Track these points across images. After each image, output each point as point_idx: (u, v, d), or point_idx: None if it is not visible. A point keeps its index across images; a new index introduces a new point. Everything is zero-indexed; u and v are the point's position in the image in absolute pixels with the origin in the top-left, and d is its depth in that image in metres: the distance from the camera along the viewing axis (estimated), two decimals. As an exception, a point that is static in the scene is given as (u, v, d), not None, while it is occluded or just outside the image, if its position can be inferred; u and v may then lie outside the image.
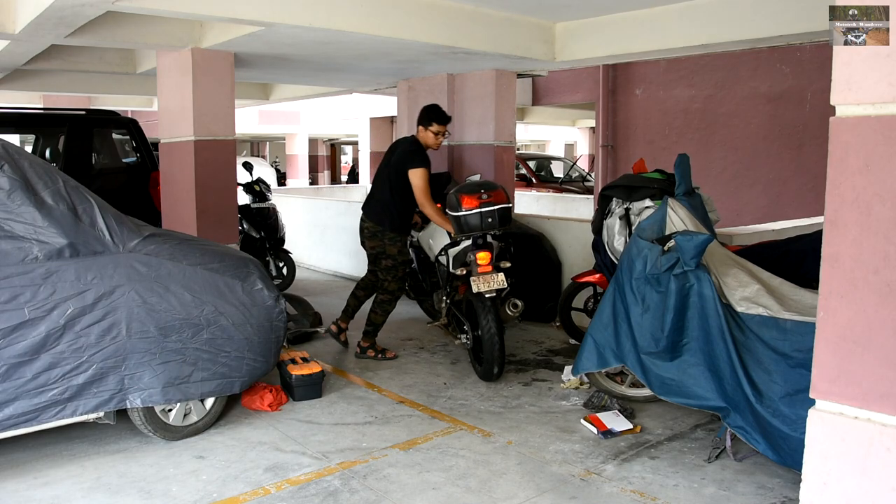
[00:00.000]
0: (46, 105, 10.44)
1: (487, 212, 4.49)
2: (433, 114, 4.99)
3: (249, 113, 18.16)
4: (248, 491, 3.17)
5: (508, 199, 4.66)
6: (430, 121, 4.97)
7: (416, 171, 4.82)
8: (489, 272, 4.50)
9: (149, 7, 4.24)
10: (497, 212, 4.51)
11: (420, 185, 4.81)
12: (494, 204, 4.51)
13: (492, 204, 4.50)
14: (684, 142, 9.43)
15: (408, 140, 5.10)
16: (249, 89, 9.41)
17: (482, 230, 4.55)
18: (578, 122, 18.86)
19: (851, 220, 1.91)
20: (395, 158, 4.97)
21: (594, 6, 5.41)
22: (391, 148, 5.16)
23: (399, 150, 5.01)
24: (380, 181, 5.07)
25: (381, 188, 5.02)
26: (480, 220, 4.50)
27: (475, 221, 4.51)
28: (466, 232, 4.57)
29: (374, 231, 5.00)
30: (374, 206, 5.03)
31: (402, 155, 4.94)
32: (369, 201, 5.10)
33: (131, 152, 7.78)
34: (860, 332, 1.90)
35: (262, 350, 3.79)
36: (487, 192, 4.53)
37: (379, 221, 4.97)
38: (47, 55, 6.14)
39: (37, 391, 3.13)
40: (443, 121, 4.99)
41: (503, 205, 4.55)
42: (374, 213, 5.01)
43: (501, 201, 4.55)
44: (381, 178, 5.07)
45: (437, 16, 5.15)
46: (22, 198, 3.19)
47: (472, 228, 4.54)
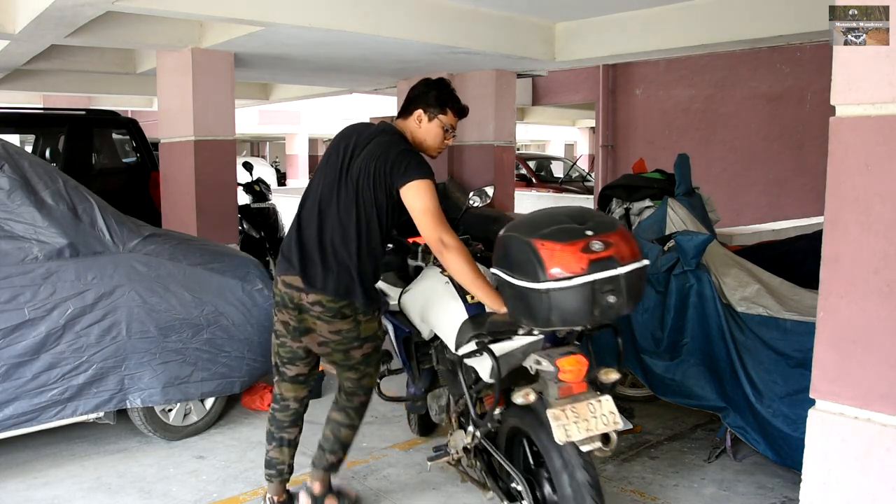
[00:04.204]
0: (46, 105, 10.43)
1: (607, 280, 2.02)
2: (447, 96, 2.72)
3: (249, 113, 18.16)
4: (248, 491, 3.17)
5: (641, 251, 2.13)
6: (441, 105, 2.70)
7: (420, 185, 2.51)
8: (587, 399, 2.18)
9: (149, 7, 4.24)
10: (626, 279, 2.04)
11: (432, 208, 2.50)
12: (619, 262, 2.04)
13: (613, 262, 2.03)
14: (684, 142, 9.43)
15: (387, 130, 2.71)
16: (249, 89, 9.41)
17: (588, 321, 2.10)
18: (578, 122, 18.86)
19: (851, 220, 1.91)
20: (367, 162, 2.59)
21: (594, 6, 5.41)
22: (343, 140, 2.70)
23: (374, 147, 2.61)
24: (329, 207, 2.63)
25: (336, 221, 2.61)
26: (591, 299, 2.02)
27: (578, 303, 2.03)
28: (548, 322, 2.07)
29: (333, 310, 2.60)
30: (323, 261, 2.60)
31: (383, 155, 2.57)
32: (306, 252, 2.63)
33: (131, 152, 7.77)
34: (860, 332, 1.90)
35: (262, 350, 3.79)
36: (601, 236, 2.05)
37: (342, 291, 2.59)
38: (47, 55, 6.14)
39: (37, 391, 3.13)
40: (462, 111, 2.77)
41: (636, 263, 2.07)
42: (327, 278, 2.59)
43: (631, 256, 2.07)
44: (331, 200, 2.63)
45: (437, 16, 5.14)
46: (22, 198, 3.20)
47: (567, 316, 2.05)
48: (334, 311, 2.60)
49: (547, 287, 1.99)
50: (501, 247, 2.15)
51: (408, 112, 2.74)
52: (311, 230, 2.64)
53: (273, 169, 20.11)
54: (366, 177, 2.56)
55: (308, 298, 2.60)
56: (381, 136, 2.65)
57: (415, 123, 2.72)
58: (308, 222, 2.66)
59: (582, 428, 2.11)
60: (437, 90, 2.72)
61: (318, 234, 2.62)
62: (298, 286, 2.60)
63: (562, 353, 2.21)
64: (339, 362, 2.76)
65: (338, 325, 2.62)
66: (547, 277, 1.98)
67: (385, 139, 2.63)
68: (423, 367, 3.23)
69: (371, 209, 2.58)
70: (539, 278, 1.99)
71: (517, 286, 2.07)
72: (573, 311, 2.02)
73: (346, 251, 2.58)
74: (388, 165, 2.54)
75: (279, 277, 2.68)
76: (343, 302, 2.60)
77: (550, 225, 2.08)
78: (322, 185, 2.66)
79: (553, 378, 2.18)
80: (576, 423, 2.11)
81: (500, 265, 2.15)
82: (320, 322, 2.62)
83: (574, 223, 2.09)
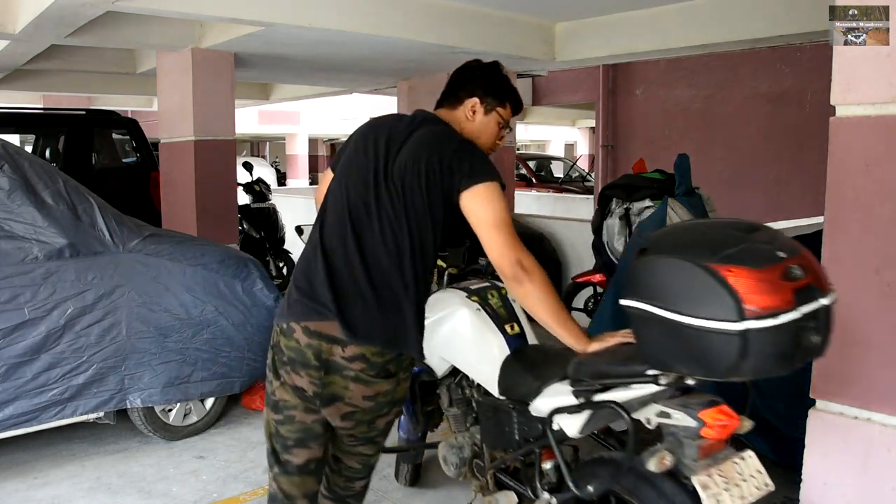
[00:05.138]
0: (46, 105, 10.43)
1: (811, 316, 1.54)
2: (508, 86, 2.17)
3: (249, 113, 18.15)
4: (248, 491, 3.17)
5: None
6: (502, 97, 2.14)
7: (491, 190, 1.93)
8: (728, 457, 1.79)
9: (149, 7, 4.24)
10: (826, 313, 1.57)
11: (506, 221, 1.92)
12: (819, 291, 1.56)
13: (815, 292, 1.55)
14: (684, 142, 9.42)
15: (432, 119, 2.09)
16: (249, 89, 9.41)
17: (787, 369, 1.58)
18: (578, 122, 18.86)
19: (852, 220, 1.92)
20: (414, 161, 1.94)
21: (594, 6, 5.41)
22: (371, 136, 2.04)
23: (420, 141, 1.98)
24: (366, 223, 1.96)
25: (378, 242, 1.94)
26: (796, 341, 1.53)
27: (782, 347, 1.53)
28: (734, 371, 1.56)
29: (378, 367, 1.93)
30: (366, 298, 1.92)
31: (437, 150, 1.95)
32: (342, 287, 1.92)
33: (131, 152, 7.77)
34: (860, 332, 1.90)
35: (262, 350, 3.78)
36: (795, 258, 1.56)
37: (393, 340, 1.94)
38: (47, 55, 6.14)
39: (37, 391, 3.13)
40: (519, 106, 2.23)
41: (832, 292, 1.58)
42: (374, 321, 1.92)
43: (826, 283, 1.60)
44: (368, 215, 1.96)
45: (437, 16, 5.14)
46: (22, 198, 3.20)
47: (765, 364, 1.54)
48: (378, 368, 1.90)
49: (745, 328, 1.48)
50: (646, 273, 1.64)
51: (457, 100, 2.11)
52: (344, 256, 1.91)
53: (273, 169, 20.11)
54: (415, 180, 1.89)
55: (346, 352, 1.87)
56: (427, 127, 2.00)
57: (466, 115, 2.09)
58: (336, 245, 1.93)
59: (735, 496, 1.67)
60: (496, 77, 2.14)
61: (358, 260, 1.90)
62: (332, 335, 1.86)
63: (700, 403, 1.73)
64: (358, 436, 2.04)
65: (378, 386, 1.91)
66: (746, 315, 1.47)
67: (434, 130, 2.00)
68: (426, 409, 2.82)
69: (425, 223, 1.91)
70: (733, 316, 1.48)
71: (687, 326, 1.52)
72: (774, 357, 1.52)
73: (398, 281, 1.90)
74: (444, 163, 1.90)
75: (296, 325, 1.90)
76: (391, 355, 1.91)
77: (727, 244, 1.55)
78: (349, 196, 1.95)
79: (692, 435, 1.71)
80: (727, 491, 1.67)
81: (645, 297, 1.62)
82: (357, 384, 1.89)
83: (760, 242, 1.57)
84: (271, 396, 1.98)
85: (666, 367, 1.70)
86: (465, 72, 2.18)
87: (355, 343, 1.87)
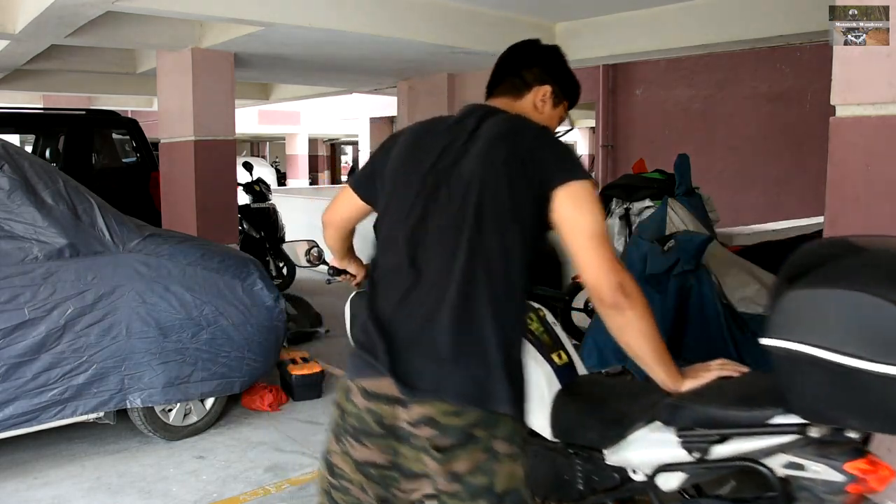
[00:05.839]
0: (46, 105, 10.44)
1: None
2: (575, 82, 1.84)
3: (249, 113, 18.17)
4: (249, 491, 3.17)
5: None
6: (572, 92, 1.83)
7: (588, 190, 1.53)
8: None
9: (149, 7, 4.25)
10: None
11: (605, 232, 1.54)
12: None
13: None
14: (684, 142, 9.43)
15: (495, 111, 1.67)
16: (249, 89, 9.41)
17: None
18: (578, 122, 18.85)
19: (852, 220, 1.92)
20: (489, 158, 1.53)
21: (594, 6, 5.41)
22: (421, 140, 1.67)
23: (490, 134, 1.57)
24: (430, 242, 1.54)
25: (447, 262, 1.50)
26: None
27: None
28: None
29: (455, 431, 1.44)
30: (433, 340, 1.48)
31: (517, 141, 1.55)
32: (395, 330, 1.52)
33: (131, 152, 7.77)
34: (860, 332, 1.90)
35: (261, 350, 3.79)
36: None
37: (473, 391, 1.45)
38: (47, 55, 6.14)
39: (37, 391, 3.13)
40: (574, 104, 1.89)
41: None
42: (442, 369, 1.46)
43: None
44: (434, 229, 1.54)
45: (437, 16, 5.14)
46: (22, 198, 3.19)
47: None
48: (457, 434, 1.44)
49: None
50: (807, 308, 1.37)
51: (524, 85, 1.73)
52: (402, 294, 1.52)
53: (273, 169, 20.12)
54: (494, 182, 1.50)
55: (410, 414, 1.46)
56: (495, 118, 1.61)
57: (534, 104, 1.73)
58: (392, 282, 1.55)
59: None
60: (566, 65, 1.80)
61: (422, 296, 1.50)
62: (391, 395, 1.48)
63: (843, 452, 1.47)
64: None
65: (461, 461, 1.43)
66: None
67: (507, 118, 1.62)
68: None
69: (512, 232, 1.50)
70: None
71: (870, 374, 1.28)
72: None
73: (478, 315, 1.46)
74: (533, 154, 1.51)
75: (353, 384, 1.56)
76: (473, 415, 1.44)
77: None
78: (403, 220, 1.56)
79: (835, 491, 1.47)
80: None
81: (804, 337, 1.35)
82: (430, 458, 1.45)
83: None
84: (328, 456, 1.62)
85: (824, 418, 1.43)
86: (531, 53, 1.78)
87: (417, 401, 1.44)
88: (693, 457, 1.59)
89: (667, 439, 1.63)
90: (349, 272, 2.12)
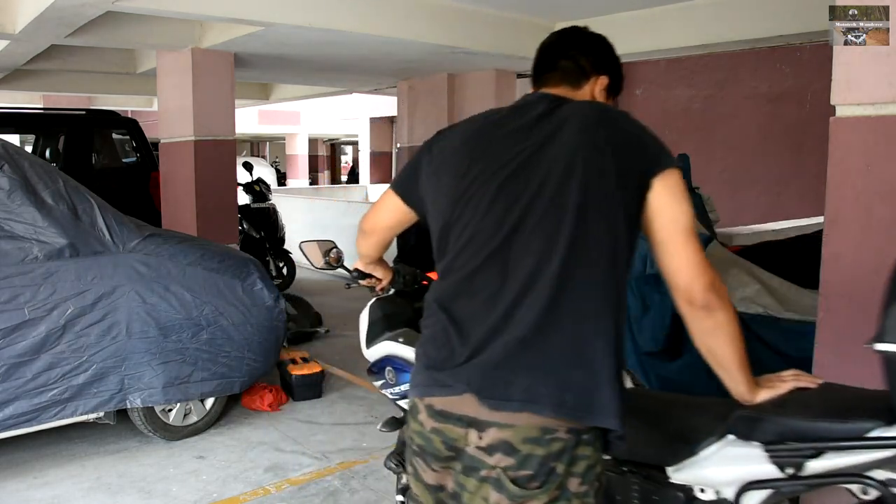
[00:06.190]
0: (46, 105, 10.44)
1: None
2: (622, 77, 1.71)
3: (249, 113, 18.17)
4: (248, 491, 3.17)
5: None
6: (619, 88, 1.70)
7: (679, 178, 1.43)
8: None
9: (149, 7, 4.25)
10: None
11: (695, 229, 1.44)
12: None
13: None
14: (684, 142, 9.41)
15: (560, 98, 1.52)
16: (249, 89, 9.42)
17: None
18: (578, 122, 18.85)
19: (852, 220, 1.92)
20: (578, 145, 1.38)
21: (594, 6, 5.41)
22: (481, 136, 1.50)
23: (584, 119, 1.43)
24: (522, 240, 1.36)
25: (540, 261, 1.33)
26: None
27: None
28: None
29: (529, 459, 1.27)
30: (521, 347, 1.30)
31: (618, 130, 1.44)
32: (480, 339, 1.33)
33: (131, 152, 7.78)
34: (860, 332, 1.90)
35: (261, 350, 3.79)
36: None
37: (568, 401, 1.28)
38: (47, 55, 6.15)
39: (37, 391, 3.13)
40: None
41: None
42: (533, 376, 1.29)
43: None
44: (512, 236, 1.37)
45: (437, 16, 5.14)
46: (22, 198, 3.19)
47: None
48: (535, 466, 1.27)
49: None
50: None
51: (583, 74, 1.58)
52: (483, 293, 1.37)
53: (273, 169, 20.12)
54: (595, 168, 1.36)
55: (485, 438, 1.30)
56: (573, 105, 1.48)
57: (592, 95, 1.60)
58: (474, 282, 1.38)
59: None
60: (619, 59, 1.67)
61: (510, 298, 1.33)
62: (465, 415, 1.33)
63: None
64: None
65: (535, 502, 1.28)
66: None
67: (590, 104, 1.53)
68: None
69: (616, 223, 1.36)
70: None
71: None
72: None
73: (581, 313, 1.32)
74: (630, 141, 1.42)
75: (419, 401, 1.43)
76: (559, 443, 1.28)
77: None
78: (480, 219, 1.40)
79: None
80: None
81: None
82: (499, 494, 1.29)
83: None
84: (410, 480, 1.50)
85: None
86: (586, 40, 1.63)
87: (496, 423, 1.27)
88: (786, 473, 1.46)
89: (752, 454, 1.48)
90: (375, 276, 2.01)
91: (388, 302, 2.19)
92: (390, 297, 2.21)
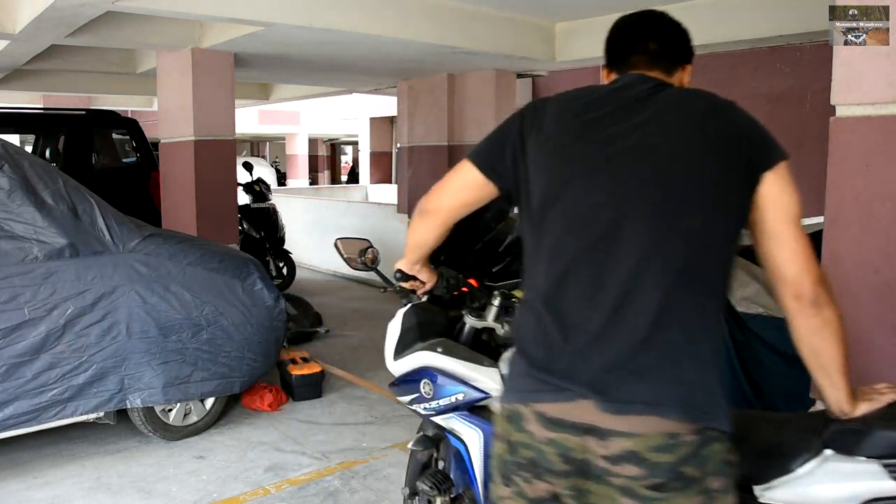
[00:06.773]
0: (46, 105, 10.43)
1: None
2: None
3: (249, 113, 18.16)
4: (248, 491, 3.17)
5: None
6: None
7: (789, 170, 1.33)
8: None
9: (149, 7, 4.25)
10: None
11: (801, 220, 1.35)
12: None
13: None
14: (684, 142, 9.43)
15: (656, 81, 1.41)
16: (249, 89, 9.41)
17: None
18: (578, 122, 18.85)
19: (852, 220, 1.92)
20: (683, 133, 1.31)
21: (594, 6, 5.41)
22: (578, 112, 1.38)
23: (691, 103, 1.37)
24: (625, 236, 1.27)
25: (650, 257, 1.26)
26: None
27: None
28: None
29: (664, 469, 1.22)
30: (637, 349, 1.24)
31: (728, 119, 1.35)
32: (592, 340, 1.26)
33: (131, 152, 7.77)
34: (860, 331, 1.90)
35: (262, 350, 3.79)
36: None
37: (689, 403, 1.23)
38: (47, 55, 6.14)
39: (37, 391, 3.13)
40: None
41: None
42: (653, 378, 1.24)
43: None
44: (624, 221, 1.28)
45: (437, 16, 5.14)
46: (22, 198, 3.19)
47: None
48: (667, 473, 1.22)
49: None
50: None
51: (675, 60, 1.51)
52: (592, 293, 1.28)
53: (273, 169, 20.12)
54: (712, 159, 1.30)
55: (608, 448, 1.23)
56: (675, 90, 1.42)
57: (681, 82, 1.51)
58: (581, 276, 1.29)
59: None
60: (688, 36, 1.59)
61: (617, 293, 1.26)
62: (583, 423, 1.25)
63: None
64: None
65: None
66: None
67: (696, 91, 1.44)
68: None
69: (729, 217, 1.32)
70: None
71: None
72: None
73: (693, 310, 1.27)
74: (743, 132, 1.34)
75: (525, 408, 1.32)
76: (688, 446, 1.23)
77: None
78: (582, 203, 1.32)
79: None
80: None
81: None
82: (634, 500, 1.24)
83: None
84: (491, 498, 1.39)
85: None
86: (670, 26, 1.55)
87: (627, 414, 1.21)
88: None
89: (868, 470, 1.38)
90: (419, 279, 1.82)
91: (423, 309, 2.04)
92: (425, 303, 2.05)
